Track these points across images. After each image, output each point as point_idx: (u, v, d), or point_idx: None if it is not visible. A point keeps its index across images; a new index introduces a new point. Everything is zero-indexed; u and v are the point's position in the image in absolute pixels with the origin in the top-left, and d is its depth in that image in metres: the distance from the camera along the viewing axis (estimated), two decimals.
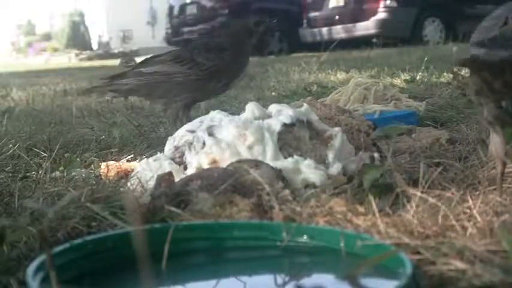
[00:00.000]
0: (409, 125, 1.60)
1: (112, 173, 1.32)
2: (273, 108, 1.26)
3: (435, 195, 0.96)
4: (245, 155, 1.15)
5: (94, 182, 1.21)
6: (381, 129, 1.51)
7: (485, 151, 1.19)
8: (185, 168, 1.20)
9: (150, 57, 2.01)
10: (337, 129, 1.24)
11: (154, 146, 1.68)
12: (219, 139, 1.18)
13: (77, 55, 15.63)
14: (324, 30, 9.23)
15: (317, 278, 0.84)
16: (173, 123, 1.90)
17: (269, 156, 1.14)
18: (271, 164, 1.10)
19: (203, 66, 1.88)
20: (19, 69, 9.49)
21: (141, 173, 1.21)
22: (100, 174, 1.34)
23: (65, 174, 1.35)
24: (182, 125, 1.84)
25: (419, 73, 3.28)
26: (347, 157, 1.21)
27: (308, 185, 1.09)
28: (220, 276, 0.86)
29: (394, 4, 8.58)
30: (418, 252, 0.79)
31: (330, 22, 9.11)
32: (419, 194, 0.95)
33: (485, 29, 1.00)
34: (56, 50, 17.86)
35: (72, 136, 1.91)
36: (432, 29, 8.72)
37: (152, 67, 1.93)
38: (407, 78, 3.21)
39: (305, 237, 0.87)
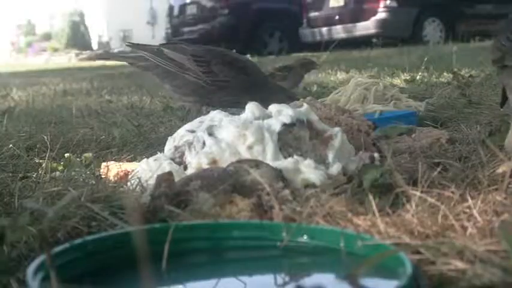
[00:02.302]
0: (409, 125, 1.60)
1: (112, 173, 1.32)
2: (273, 108, 1.26)
3: (435, 195, 0.96)
4: (245, 155, 1.15)
5: (94, 182, 1.21)
6: (381, 129, 1.51)
7: (485, 151, 1.19)
8: (185, 168, 1.20)
9: (177, 42, 2.02)
10: (337, 129, 1.24)
11: (154, 146, 1.68)
12: (219, 139, 1.18)
13: (77, 55, 15.64)
14: (324, 30, 9.23)
15: (317, 278, 0.84)
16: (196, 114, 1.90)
17: (269, 156, 1.14)
18: (271, 164, 1.10)
19: (215, 76, 1.89)
20: (19, 69, 9.49)
21: (141, 173, 1.21)
22: (100, 174, 1.34)
23: (65, 174, 1.35)
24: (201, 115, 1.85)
25: (419, 73, 3.28)
26: (347, 157, 1.21)
27: (308, 185, 1.09)
28: (220, 276, 0.86)
29: (394, 4, 8.59)
30: (418, 252, 0.80)
31: (330, 22, 9.11)
32: (418, 194, 0.95)
33: None
34: (56, 50, 17.87)
35: (72, 136, 1.91)
36: (432, 29, 8.73)
37: (174, 52, 1.93)
38: (407, 78, 3.21)
39: (305, 237, 0.87)
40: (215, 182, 1.02)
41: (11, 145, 1.65)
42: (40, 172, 1.34)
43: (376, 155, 1.19)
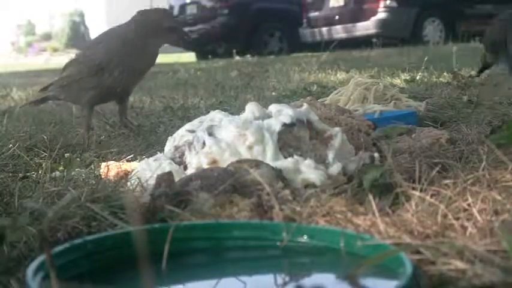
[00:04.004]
0: (409, 125, 1.60)
1: (112, 173, 1.32)
2: (273, 108, 1.26)
3: (435, 195, 0.96)
4: (245, 155, 1.15)
5: (94, 182, 1.21)
6: (380, 129, 1.51)
7: (485, 150, 1.19)
8: (185, 168, 1.20)
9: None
10: (337, 129, 1.24)
11: (154, 146, 1.68)
12: (219, 139, 1.18)
13: None
14: (324, 30, 9.23)
15: (317, 278, 0.84)
16: (85, 131, 1.85)
17: (269, 156, 1.14)
18: (271, 164, 1.10)
19: (90, 61, 1.81)
20: (19, 69, 9.48)
21: (141, 173, 1.21)
22: (100, 174, 1.34)
23: (65, 174, 1.35)
24: (87, 130, 1.80)
25: (419, 73, 3.28)
26: (347, 157, 1.21)
27: (308, 185, 1.09)
28: (220, 276, 0.86)
29: (394, 4, 8.58)
30: (418, 252, 0.80)
31: (330, 22, 9.11)
32: (418, 193, 0.95)
33: None
34: (56, 50, 17.87)
35: (72, 136, 1.91)
36: (432, 29, 8.72)
37: (67, 69, 1.90)
38: (407, 78, 3.21)
39: (305, 237, 0.87)
40: (215, 182, 1.02)
41: (11, 145, 1.65)
42: (40, 172, 1.34)
43: (376, 155, 1.19)
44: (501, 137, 1.27)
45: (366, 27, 8.64)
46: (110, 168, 1.33)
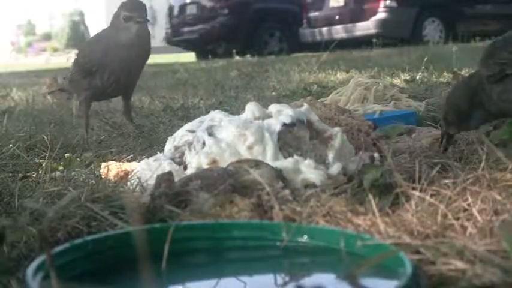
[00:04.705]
0: (409, 125, 1.60)
1: (112, 173, 1.31)
2: (273, 108, 1.26)
3: (435, 195, 0.96)
4: (245, 155, 1.15)
5: (94, 182, 1.21)
6: (381, 129, 1.51)
7: (484, 150, 1.19)
8: (185, 168, 1.20)
9: None
10: (337, 129, 1.24)
11: (154, 146, 1.68)
12: (219, 139, 1.18)
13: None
14: (324, 30, 9.22)
15: (317, 278, 0.84)
16: (84, 129, 1.86)
17: (269, 156, 1.14)
18: (271, 164, 1.10)
19: (79, 63, 1.83)
20: (19, 69, 9.48)
21: (141, 173, 1.21)
22: (100, 174, 1.34)
23: (65, 174, 1.35)
24: (86, 125, 1.81)
25: (419, 73, 3.28)
26: (347, 157, 1.21)
27: (308, 185, 1.09)
28: (220, 276, 0.86)
29: (394, 4, 8.58)
30: (418, 252, 0.80)
31: (330, 22, 9.11)
32: (418, 193, 0.95)
33: None
34: (56, 50, 17.88)
35: (72, 136, 1.91)
36: (432, 29, 8.72)
37: (71, 67, 1.93)
38: (407, 78, 3.21)
39: (305, 237, 0.87)
40: (215, 182, 1.02)
41: (11, 145, 1.65)
42: (40, 172, 1.34)
43: (376, 155, 1.19)
44: (503, 132, 1.27)
45: (366, 27, 8.63)
46: (110, 168, 1.33)
